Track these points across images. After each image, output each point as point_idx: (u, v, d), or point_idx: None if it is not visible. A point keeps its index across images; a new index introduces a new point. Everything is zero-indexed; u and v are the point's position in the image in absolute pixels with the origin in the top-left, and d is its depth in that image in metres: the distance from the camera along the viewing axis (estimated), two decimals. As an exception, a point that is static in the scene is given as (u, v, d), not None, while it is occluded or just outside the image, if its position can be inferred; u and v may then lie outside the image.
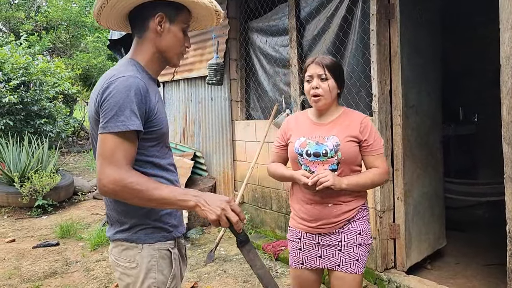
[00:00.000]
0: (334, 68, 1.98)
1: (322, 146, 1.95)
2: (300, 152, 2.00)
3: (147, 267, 1.47)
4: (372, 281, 3.25)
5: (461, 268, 3.49)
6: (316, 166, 1.97)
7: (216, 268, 3.78)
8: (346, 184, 1.88)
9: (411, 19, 3.22)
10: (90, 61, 11.76)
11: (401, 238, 3.24)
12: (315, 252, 2.04)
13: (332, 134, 1.97)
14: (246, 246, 1.52)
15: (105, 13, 1.48)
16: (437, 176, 3.66)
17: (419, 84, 3.35)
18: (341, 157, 1.92)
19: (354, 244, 1.99)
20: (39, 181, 5.81)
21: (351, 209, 1.99)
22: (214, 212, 1.35)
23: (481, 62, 5.15)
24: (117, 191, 1.32)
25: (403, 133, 3.18)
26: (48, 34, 12.13)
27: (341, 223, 1.98)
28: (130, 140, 1.35)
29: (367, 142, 1.96)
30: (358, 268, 2.00)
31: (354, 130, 1.96)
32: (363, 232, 2.01)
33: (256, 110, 4.80)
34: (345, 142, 1.93)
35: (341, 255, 2.00)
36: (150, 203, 1.37)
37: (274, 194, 4.42)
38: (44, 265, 4.03)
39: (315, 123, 2.06)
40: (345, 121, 2.00)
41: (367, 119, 2.01)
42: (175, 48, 1.52)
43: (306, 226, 2.03)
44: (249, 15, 4.74)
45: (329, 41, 3.63)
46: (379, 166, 1.98)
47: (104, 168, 1.31)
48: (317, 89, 1.96)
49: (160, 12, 1.45)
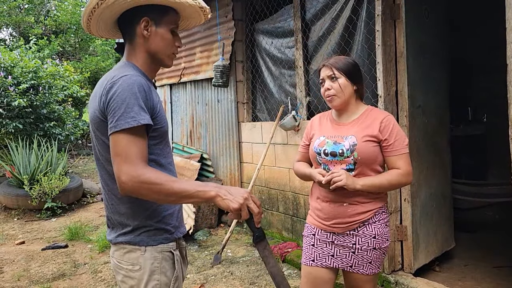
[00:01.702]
0: (344, 66, 1.96)
1: (339, 145, 1.94)
2: (318, 151, 2.01)
3: (150, 269, 1.47)
4: (379, 283, 3.22)
5: (469, 270, 3.45)
6: (334, 165, 1.96)
7: (222, 270, 3.78)
8: (361, 185, 1.85)
9: (417, 19, 3.20)
10: (99, 64, 11.87)
11: (408, 240, 3.21)
12: (328, 250, 2.03)
13: (350, 134, 1.95)
14: (261, 243, 1.54)
15: (93, 24, 1.51)
16: (445, 177, 3.62)
17: (425, 84, 3.33)
18: (358, 157, 1.90)
19: (368, 247, 1.96)
20: (48, 183, 5.87)
21: (367, 210, 1.95)
22: (237, 201, 1.35)
23: (491, 61, 5.10)
24: (136, 188, 1.31)
25: (409, 134, 3.15)
26: (57, 38, 12.27)
27: (356, 224, 1.95)
28: (141, 136, 1.36)
29: (387, 141, 1.91)
30: (371, 269, 1.98)
31: (373, 130, 1.92)
32: (379, 235, 1.96)
33: (262, 111, 4.80)
34: (363, 142, 1.91)
35: (354, 257, 1.98)
36: (169, 197, 1.35)
37: (281, 195, 4.41)
38: (52, 267, 4.06)
39: (336, 122, 2.06)
40: (366, 121, 1.97)
41: (389, 118, 1.96)
42: (165, 49, 1.53)
43: (321, 224, 2.03)
44: (254, 17, 4.74)
45: (334, 42, 3.62)
46: (400, 167, 1.91)
47: (122, 166, 1.31)
48: (329, 90, 1.97)
49: (144, 16, 1.46)
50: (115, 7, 1.43)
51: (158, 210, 1.49)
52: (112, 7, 1.42)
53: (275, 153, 4.38)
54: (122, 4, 1.42)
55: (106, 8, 1.42)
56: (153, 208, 1.48)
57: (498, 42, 2.68)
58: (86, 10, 1.45)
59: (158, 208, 1.50)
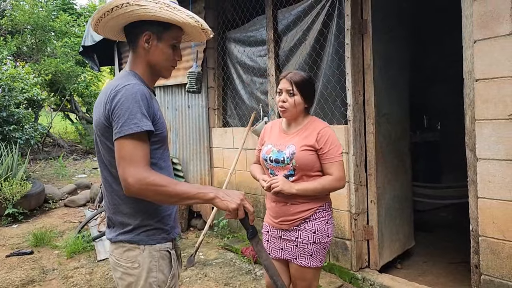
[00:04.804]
0: (302, 85, 2.18)
1: (282, 153, 2.19)
2: (265, 158, 2.26)
3: (148, 267, 1.56)
4: (348, 280, 3.42)
5: (428, 266, 3.73)
6: (278, 170, 2.21)
7: (196, 272, 3.85)
8: (296, 189, 2.11)
9: (383, 33, 3.46)
10: (59, 67, 11.51)
11: (375, 239, 3.44)
12: (278, 244, 2.29)
13: (291, 143, 2.19)
14: (255, 239, 1.71)
15: (100, 28, 1.63)
16: (407, 181, 3.90)
17: (389, 94, 3.59)
18: (296, 164, 2.13)
19: (308, 241, 2.19)
20: (9, 189, 5.69)
21: (307, 209, 2.18)
22: (235, 201, 1.51)
23: (447, 70, 5.46)
24: (142, 190, 1.41)
25: (375, 140, 3.39)
26: (13, 38, 11.80)
27: (298, 221, 2.19)
28: (144, 141, 1.46)
29: (322, 150, 2.14)
30: (312, 262, 2.21)
31: (311, 140, 2.15)
32: (318, 231, 2.19)
33: (234, 117, 4.93)
34: (301, 151, 2.14)
35: (297, 250, 2.22)
36: (172, 198, 1.47)
37: (252, 199, 4.54)
38: (20, 273, 3.97)
39: (284, 131, 2.30)
40: (306, 131, 2.20)
41: (325, 129, 2.18)
42: (164, 63, 1.64)
43: (272, 221, 2.30)
44: (226, 26, 4.87)
45: (305, 53, 3.81)
46: (333, 173, 2.14)
47: (127, 169, 1.41)
48: (284, 102, 2.19)
49: (147, 31, 1.57)
50: (120, 19, 1.54)
51: (158, 210, 1.60)
52: (117, 19, 1.54)
53: (247, 158, 4.51)
54: (126, 17, 1.53)
55: (111, 19, 1.54)
56: (153, 208, 1.58)
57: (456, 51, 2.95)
58: (95, 16, 1.56)
59: (159, 208, 1.60)
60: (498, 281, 2.51)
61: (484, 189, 2.53)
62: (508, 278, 2.46)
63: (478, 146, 2.55)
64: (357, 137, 3.38)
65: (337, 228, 3.50)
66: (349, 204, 3.40)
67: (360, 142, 3.41)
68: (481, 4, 2.50)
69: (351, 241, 3.42)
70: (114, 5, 1.48)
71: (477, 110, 2.54)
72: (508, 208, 2.44)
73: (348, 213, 3.41)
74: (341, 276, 3.48)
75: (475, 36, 2.53)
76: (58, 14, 13.59)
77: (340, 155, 2.17)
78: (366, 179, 3.45)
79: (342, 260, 3.50)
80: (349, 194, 3.39)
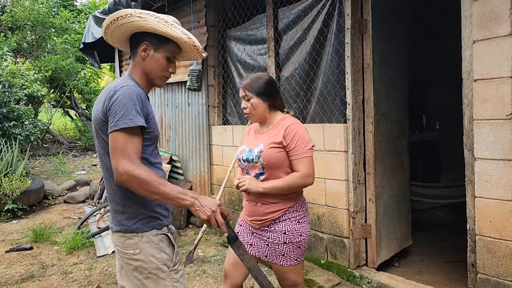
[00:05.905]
0: (255, 87, 2.20)
1: (251, 152, 2.22)
2: (239, 157, 2.31)
3: (150, 250, 1.69)
4: (345, 278, 3.45)
5: (425, 265, 3.76)
6: (251, 170, 2.24)
7: (195, 269, 3.88)
8: (263, 188, 2.13)
9: (382, 33, 3.48)
10: (59, 64, 11.51)
11: (372, 237, 3.46)
12: (248, 239, 2.32)
13: (260, 142, 2.21)
14: (235, 243, 1.80)
15: (108, 36, 1.80)
16: (405, 180, 3.92)
17: (389, 93, 3.61)
18: (264, 162, 2.15)
19: (279, 242, 2.20)
20: (9, 185, 5.71)
21: (277, 210, 2.19)
22: (206, 213, 1.62)
23: (446, 70, 5.49)
24: (128, 181, 1.54)
25: (374, 139, 3.41)
26: (13, 34, 11.79)
27: (268, 221, 2.20)
28: (137, 136, 1.60)
29: (289, 146, 2.13)
30: (285, 261, 2.22)
31: (278, 137, 2.14)
32: (289, 231, 2.18)
33: (233, 115, 4.94)
34: (268, 149, 2.15)
35: (268, 249, 2.24)
36: (154, 195, 1.58)
37: (250, 197, 4.55)
38: (20, 268, 3.99)
39: (258, 132, 2.33)
40: (276, 129, 2.20)
41: (293, 126, 2.15)
42: (157, 72, 1.77)
43: (246, 218, 2.34)
44: (227, 24, 4.89)
45: (305, 52, 3.83)
46: (299, 169, 2.12)
47: (120, 160, 1.54)
48: (245, 108, 2.25)
49: (146, 41, 1.73)
50: (123, 28, 1.71)
51: (148, 200, 1.70)
52: (121, 28, 1.71)
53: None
54: (129, 27, 1.71)
55: (117, 27, 1.71)
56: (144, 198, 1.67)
57: (456, 51, 2.97)
58: (104, 24, 1.73)
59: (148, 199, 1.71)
60: (494, 279, 2.53)
61: (482, 188, 2.56)
62: (504, 277, 2.49)
63: (476, 146, 2.57)
64: (356, 136, 3.40)
65: (335, 226, 3.53)
66: (347, 203, 3.43)
67: (359, 141, 3.43)
68: (480, 5, 2.52)
69: (349, 239, 3.44)
70: (119, 15, 1.66)
71: (475, 110, 2.56)
72: (504, 207, 2.46)
73: (347, 211, 3.43)
74: (338, 274, 3.50)
75: (474, 36, 2.55)
76: (58, 11, 13.58)
77: (309, 151, 2.14)
78: (364, 178, 3.47)
79: (340, 258, 3.52)
80: (348, 192, 3.41)
